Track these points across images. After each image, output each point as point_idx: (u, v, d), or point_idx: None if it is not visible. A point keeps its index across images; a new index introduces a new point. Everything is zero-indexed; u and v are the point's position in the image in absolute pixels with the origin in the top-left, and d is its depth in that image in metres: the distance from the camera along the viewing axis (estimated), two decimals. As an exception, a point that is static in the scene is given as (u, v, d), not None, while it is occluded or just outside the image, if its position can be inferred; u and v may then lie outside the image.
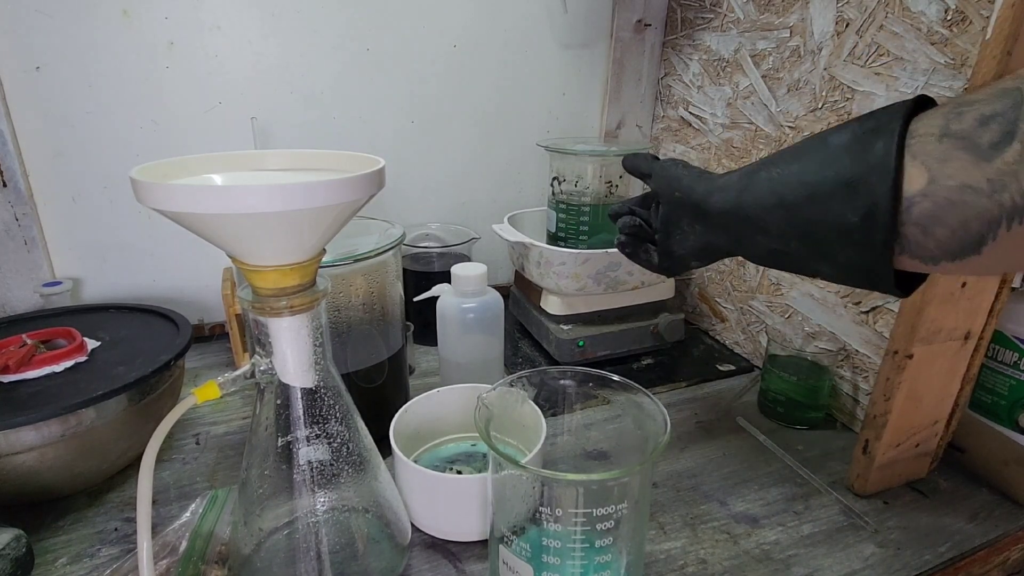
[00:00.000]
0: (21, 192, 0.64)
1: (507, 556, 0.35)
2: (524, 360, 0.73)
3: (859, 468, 0.51)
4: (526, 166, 0.89)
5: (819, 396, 0.60)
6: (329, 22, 0.71)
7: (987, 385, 0.52)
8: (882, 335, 0.57)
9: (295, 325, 0.33)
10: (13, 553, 0.39)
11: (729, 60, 0.73)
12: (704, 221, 0.38)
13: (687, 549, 0.45)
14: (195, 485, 0.50)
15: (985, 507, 0.50)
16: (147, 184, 0.27)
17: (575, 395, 0.42)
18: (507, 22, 0.80)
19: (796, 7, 0.63)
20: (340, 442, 0.38)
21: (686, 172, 0.41)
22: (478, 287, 0.57)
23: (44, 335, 0.52)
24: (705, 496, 0.51)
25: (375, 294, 0.52)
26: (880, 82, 0.55)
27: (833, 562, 0.44)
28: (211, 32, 0.67)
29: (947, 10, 0.49)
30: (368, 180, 0.31)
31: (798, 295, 0.66)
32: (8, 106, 0.62)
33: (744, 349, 0.76)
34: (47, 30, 0.61)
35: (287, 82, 0.72)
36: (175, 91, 0.67)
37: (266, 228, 0.29)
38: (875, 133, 0.27)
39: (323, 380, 0.36)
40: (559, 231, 0.72)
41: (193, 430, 0.58)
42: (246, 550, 0.38)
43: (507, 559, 0.35)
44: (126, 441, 0.48)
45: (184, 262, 0.74)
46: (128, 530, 0.45)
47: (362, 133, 0.78)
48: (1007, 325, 0.50)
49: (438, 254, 0.79)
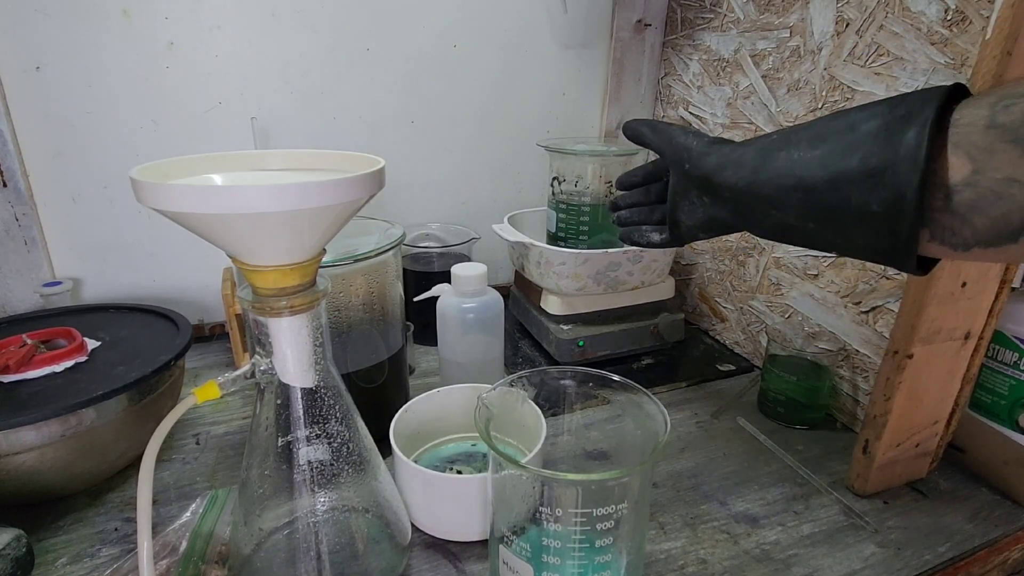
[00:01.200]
0: (21, 192, 0.64)
1: (507, 556, 0.35)
2: (524, 360, 0.73)
3: (859, 468, 0.51)
4: (526, 166, 0.89)
5: (819, 396, 0.60)
6: (329, 22, 0.71)
7: (987, 385, 0.52)
8: (882, 335, 0.57)
9: (295, 325, 0.33)
10: (13, 553, 0.39)
11: (729, 60, 0.73)
12: (713, 194, 0.37)
13: (687, 549, 0.45)
14: (195, 485, 0.50)
15: (985, 507, 0.50)
16: (147, 184, 0.27)
17: (575, 395, 0.42)
18: (507, 22, 0.80)
19: (796, 7, 0.63)
20: (340, 442, 0.38)
21: (696, 142, 0.39)
22: (478, 287, 0.57)
23: (44, 335, 0.52)
24: (705, 496, 0.51)
25: (375, 294, 0.52)
26: (880, 82, 0.55)
27: (833, 562, 0.44)
28: (211, 32, 0.67)
29: (947, 10, 0.49)
30: (368, 180, 0.31)
31: (798, 295, 0.66)
32: (8, 106, 0.62)
33: (744, 349, 0.76)
34: (47, 30, 0.61)
35: (287, 82, 0.72)
36: (175, 91, 0.67)
37: (266, 228, 0.29)
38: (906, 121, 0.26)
39: (323, 380, 0.36)
40: (559, 231, 0.72)
41: (193, 430, 0.58)
42: (246, 550, 0.38)
43: (507, 559, 0.35)
44: (126, 441, 0.48)
45: (184, 262, 0.74)
46: (128, 530, 0.45)
47: (362, 133, 0.78)
48: (1007, 325, 0.50)
49: (438, 254, 0.79)
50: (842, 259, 0.60)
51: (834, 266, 0.61)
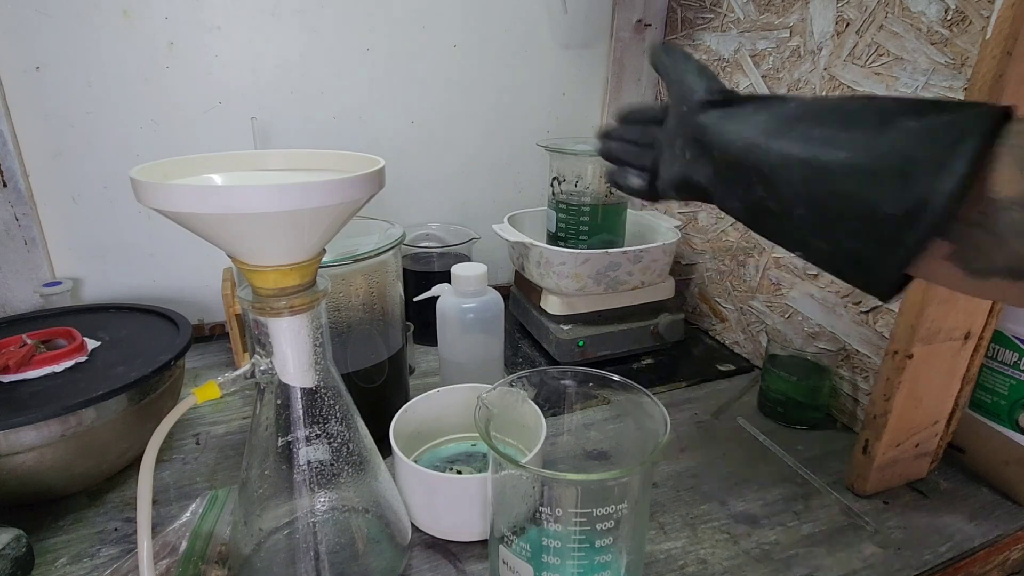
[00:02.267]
0: (21, 192, 0.64)
1: (507, 556, 0.35)
2: (524, 360, 0.73)
3: (859, 468, 0.51)
4: (526, 166, 0.89)
5: (819, 396, 0.60)
6: (329, 22, 0.71)
7: (987, 385, 0.52)
8: (882, 335, 0.57)
9: (295, 325, 0.33)
10: (13, 553, 0.39)
11: (729, 60, 0.73)
12: (699, 150, 0.33)
13: (687, 549, 0.45)
14: (195, 485, 0.50)
15: (985, 507, 0.50)
16: (147, 184, 0.27)
17: (575, 395, 0.42)
18: (507, 22, 0.80)
19: (796, 7, 0.63)
20: (340, 442, 0.38)
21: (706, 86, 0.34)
22: (478, 287, 0.57)
23: (44, 335, 0.52)
24: (705, 496, 0.51)
25: (375, 294, 0.52)
26: (880, 82, 0.55)
27: (833, 562, 0.44)
28: (211, 32, 0.67)
29: (947, 10, 0.49)
30: (368, 180, 0.31)
31: (798, 295, 0.66)
32: (8, 106, 0.62)
33: (744, 349, 0.76)
34: (47, 30, 0.61)
35: (287, 82, 0.72)
36: (175, 91, 0.67)
37: (266, 228, 0.29)
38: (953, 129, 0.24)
39: (323, 380, 0.36)
40: (559, 231, 0.72)
41: (193, 430, 0.58)
42: (246, 550, 0.38)
43: (507, 559, 0.35)
44: (126, 441, 0.48)
45: (184, 262, 0.74)
46: (128, 530, 0.45)
47: (362, 133, 0.78)
48: (1007, 325, 0.50)
49: (438, 254, 0.79)
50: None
51: (834, 266, 0.61)
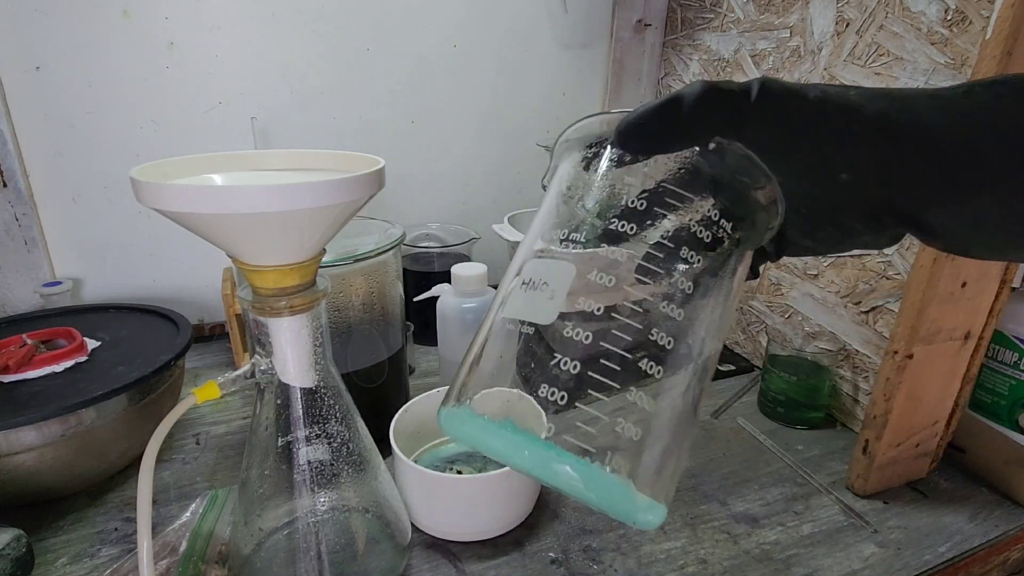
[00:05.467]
0: (21, 192, 0.64)
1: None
2: (524, 360, 0.73)
3: (859, 468, 0.51)
4: (526, 166, 0.89)
5: (819, 396, 0.60)
6: (329, 22, 0.71)
7: (987, 385, 0.52)
8: (882, 335, 0.57)
9: (295, 325, 0.33)
10: (13, 553, 0.39)
11: (729, 60, 0.73)
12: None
13: (687, 549, 0.45)
14: (195, 485, 0.50)
15: (985, 507, 0.50)
16: (147, 184, 0.27)
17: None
18: (507, 22, 0.80)
19: (796, 7, 0.63)
20: (340, 442, 0.38)
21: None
22: (478, 287, 0.57)
23: (44, 335, 0.52)
24: (705, 496, 0.51)
25: (375, 294, 0.52)
26: (880, 82, 0.55)
27: (833, 562, 0.44)
28: (211, 32, 0.67)
29: (947, 10, 0.49)
30: (368, 180, 0.31)
31: (798, 295, 0.66)
32: (8, 106, 0.62)
33: (744, 349, 0.76)
34: (47, 30, 0.61)
35: (287, 82, 0.72)
36: (175, 91, 0.67)
37: (266, 228, 0.29)
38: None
39: (323, 380, 0.36)
40: (559, 231, 0.72)
41: (193, 430, 0.58)
42: (246, 550, 0.38)
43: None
44: (126, 441, 0.48)
45: (184, 262, 0.74)
46: (128, 530, 0.45)
47: (362, 133, 0.78)
48: (1007, 325, 0.50)
49: (438, 254, 0.79)
50: (842, 259, 0.60)
51: (834, 266, 0.61)
